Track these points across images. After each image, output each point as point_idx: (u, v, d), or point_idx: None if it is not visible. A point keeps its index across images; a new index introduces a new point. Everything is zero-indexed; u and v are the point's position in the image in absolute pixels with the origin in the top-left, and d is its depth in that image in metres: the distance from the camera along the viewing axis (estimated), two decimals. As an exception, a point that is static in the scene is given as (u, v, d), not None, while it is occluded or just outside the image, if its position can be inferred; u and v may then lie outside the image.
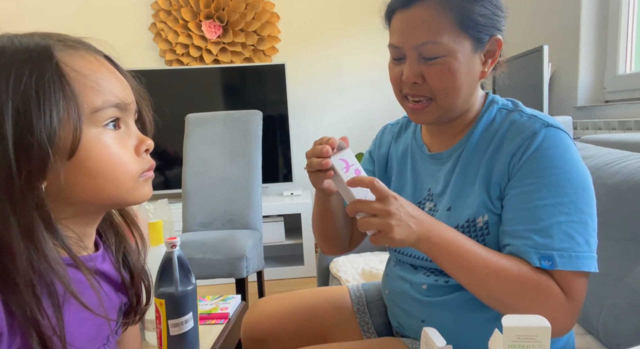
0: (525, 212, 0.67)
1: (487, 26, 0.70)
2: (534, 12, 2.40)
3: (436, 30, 0.68)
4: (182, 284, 0.80)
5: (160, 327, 0.80)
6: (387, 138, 0.95)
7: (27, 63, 0.46)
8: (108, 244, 0.60)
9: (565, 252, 0.64)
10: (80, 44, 0.52)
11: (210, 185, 2.07)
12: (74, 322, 0.50)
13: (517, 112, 0.74)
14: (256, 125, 2.13)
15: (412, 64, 0.72)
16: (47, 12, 2.92)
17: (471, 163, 0.75)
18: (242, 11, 2.96)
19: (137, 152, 0.53)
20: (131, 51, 2.99)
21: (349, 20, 3.09)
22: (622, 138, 1.31)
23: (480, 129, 0.76)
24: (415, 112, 0.76)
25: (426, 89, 0.72)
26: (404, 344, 0.79)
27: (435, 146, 0.83)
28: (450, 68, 0.70)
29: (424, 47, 0.69)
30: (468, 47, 0.70)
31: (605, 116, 1.98)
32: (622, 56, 1.97)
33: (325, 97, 3.16)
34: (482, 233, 0.72)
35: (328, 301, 0.98)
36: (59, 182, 0.47)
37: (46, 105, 0.45)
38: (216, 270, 1.78)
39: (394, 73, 0.76)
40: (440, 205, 0.78)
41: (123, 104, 0.52)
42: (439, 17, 0.68)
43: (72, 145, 0.47)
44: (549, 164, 0.67)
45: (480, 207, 0.72)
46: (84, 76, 0.49)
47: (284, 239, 2.80)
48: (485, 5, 0.70)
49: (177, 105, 2.84)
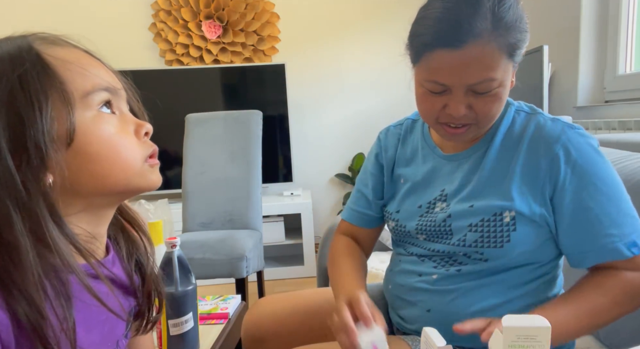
0: (590, 214, 0.71)
1: (524, 48, 0.71)
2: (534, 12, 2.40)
3: (491, 67, 0.66)
4: (182, 284, 0.80)
5: (160, 327, 0.80)
6: (392, 140, 0.93)
7: (6, 61, 0.46)
8: (119, 247, 0.60)
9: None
10: (60, 39, 0.52)
11: (210, 185, 2.07)
12: (82, 327, 0.49)
13: (538, 115, 0.78)
14: (256, 125, 2.13)
15: (460, 98, 0.70)
16: (47, 12, 2.92)
17: (498, 163, 0.77)
18: (242, 11, 2.96)
19: (138, 135, 0.53)
20: (131, 51, 2.99)
21: (349, 21, 3.09)
22: (622, 138, 1.31)
23: (502, 131, 0.78)
24: (455, 135, 0.75)
25: (472, 117, 0.72)
26: (404, 342, 0.79)
27: (449, 147, 0.84)
28: (501, 97, 0.70)
29: (480, 85, 0.68)
30: (510, 69, 0.71)
31: (605, 116, 1.98)
32: (622, 56, 1.98)
33: (325, 97, 3.16)
34: (507, 229, 0.73)
35: (328, 301, 0.98)
36: (63, 173, 0.46)
37: (33, 95, 0.45)
38: (216, 270, 1.78)
39: (432, 105, 0.73)
40: (453, 203, 0.79)
41: (113, 88, 0.52)
42: (493, 54, 0.66)
43: (68, 131, 0.46)
44: (594, 163, 0.72)
45: (508, 203, 0.74)
46: (69, 62, 0.49)
47: (284, 239, 2.80)
48: (526, 29, 0.69)
49: (177, 105, 2.84)
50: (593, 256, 0.72)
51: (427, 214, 0.83)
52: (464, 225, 0.76)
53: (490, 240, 0.74)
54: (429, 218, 0.82)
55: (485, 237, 0.74)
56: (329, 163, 3.20)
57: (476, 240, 0.75)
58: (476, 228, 0.75)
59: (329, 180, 3.23)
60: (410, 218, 0.85)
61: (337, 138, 3.19)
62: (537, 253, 0.76)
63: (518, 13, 0.68)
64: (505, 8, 0.66)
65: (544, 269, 0.78)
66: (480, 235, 0.75)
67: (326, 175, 3.22)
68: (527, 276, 0.77)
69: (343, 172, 3.21)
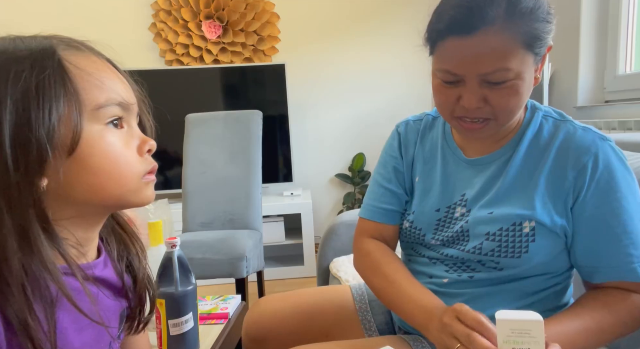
0: (611, 231, 0.70)
1: (548, 38, 0.68)
2: (534, 12, 2.40)
3: (505, 56, 0.64)
4: (182, 284, 0.80)
5: (160, 327, 0.80)
6: (412, 136, 0.89)
7: (27, 60, 0.46)
8: (110, 249, 0.59)
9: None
10: (84, 45, 0.52)
11: (210, 185, 2.07)
12: (72, 328, 0.49)
13: (568, 122, 0.75)
14: (256, 125, 2.13)
15: (474, 90, 0.67)
16: (47, 12, 2.92)
17: (523, 170, 0.75)
18: (242, 11, 2.96)
19: (140, 152, 0.53)
20: (131, 51, 2.99)
21: (349, 21, 3.09)
22: (622, 138, 1.31)
23: (529, 137, 0.76)
24: (472, 131, 0.72)
25: (488, 111, 0.69)
26: (406, 342, 0.79)
27: (472, 151, 0.81)
28: (518, 90, 0.67)
29: (494, 74, 0.65)
30: (531, 62, 0.67)
31: (605, 116, 1.98)
32: (622, 56, 1.97)
33: (325, 97, 3.16)
34: (526, 239, 0.72)
35: (330, 300, 0.98)
36: (58, 179, 0.46)
37: (45, 100, 0.45)
38: (216, 270, 1.78)
39: (446, 97, 0.71)
40: (474, 209, 0.77)
41: (126, 103, 0.52)
42: (507, 42, 0.63)
43: (72, 141, 0.46)
44: (619, 179, 0.70)
45: (530, 213, 0.72)
46: (88, 73, 0.49)
47: (284, 239, 2.80)
48: (548, 19, 0.66)
49: (177, 105, 2.84)
50: (607, 273, 0.71)
51: (445, 218, 0.80)
52: (482, 232, 0.74)
53: (508, 250, 0.72)
54: (447, 223, 0.80)
55: (503, 247, 0.72)
56: (329, 163, 3.20)
57: (493, 249, 0.73)
58: (494, 237, 0.73)
59: (329, 180, 3.23)
60: (426, 221, 0.82)
61: (337, 138, 3.18)
62: (553, 264, 0.75)
63: (538, 1, 0.65)
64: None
65: (557, 279, 0.77)
66: (497, 245, 0.73)
67: (326, 175, 3.22)
68: (540, 285, 0.76)
69: (343, 172, 3.21)
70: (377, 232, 0.90)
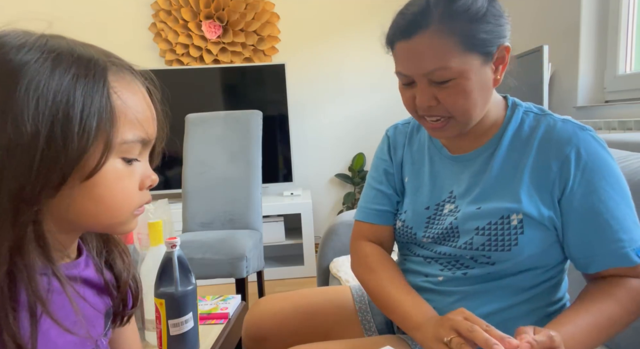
0: (600, 218, 0.70)
1: (493, 39, 0.70)
2: (534, 12, 2.40)
3: (442, 56, 0.68)
4: (182, 284, 0.80)
5: (160, 327, 0.80)
6: (400, 139, 0.93)
7: (81, 79, 0.45)
8: (90, 247, 0.59)
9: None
10: (131, 70, 0.52)
11: (210, 185, 2.07)
12: (57, 328, 0.49)
13: (548, 115, 0.77)
14: (256, 125, 2.13)
15: (423, 89, 0.72)
16: (47, 11, 2.92)
17: (507, 164, 0.77)
18: (242, 11, 2.96)
19: (141, 186, 0.53)
20: (131, 51, 2.99)
21: (349, 21, 3.09)
22: (622, 138, 1.31)
23: (511, 132, 0.78)
24: (435, 130, 0.76)
25: (442, 109, 0.73)
26: (405, 341, 0.79)
27: (456, 148, 0.83)
28: (464, 89, 0.70)
29: (434, 73, 0.69)
30: (477, 63, 0.70)
31: (605, 116, 1.98)
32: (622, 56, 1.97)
33: (325, 97, 3.16)
34: (515, 232, 0.73)
35: (330, 300, 0.98)
36: (60, 200, 0.46)
37: (86, 124, 0.45)
38: (216, 270, 1.78)
39: (406, 98, 0.77)
40: (462, 205, 0.79)
41: (148, 140, 0.52)
42: (443, 43, 0.68)
43: (94, 169, 0.46)
44: (603, 167, 0.71)
45: (516, 206, 0.73)
46: (127, 107, 0.49)
47: (284, 239, 2.80)
48: (487, 20, 0.69)
49: (177, 105, 2.83)
50: (601, 261, 0.72)
51: (435, 216, 0.82)
52: (472, 227, 0.76)
53: (497, 244, 0.73)
54: (437, 220, 0.82)
55: (493, 240, 0.74)
56: (329, 163, 3.20)
57: (483, 243, 0.74)
58: (483, 231, 0.74)
59: (329, 180, 3.23)
60: (417, 219, 0.85)
61: (337, 138, 3.19)
62: (544, 257, 0.75)
63: (474, 4, 0.68)
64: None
65: (550, 273, 0.78)
66: (487, 239, 0.74)
67: (326, 175, 3.22)
68: (534, 280, 0.77)
69: (343, 172, 3.21)
70: (372, 234, 0.92)
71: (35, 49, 0.46)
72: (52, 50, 0.46)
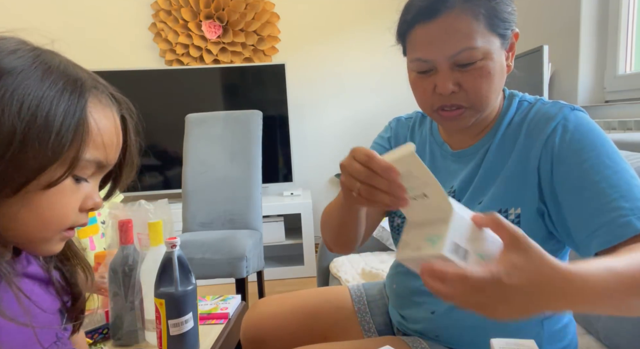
0: (596, 187, 0.63)
1: (511, 22, 0.71)
2: (534, 12, 2.40)
3: (470, 35, 0.67)
4: (182, 284, 0.80)
5: (160, 327, 0.80)
6: (403, 131, 0.92)
7: (66, 94, 0.47)
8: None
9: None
10: (111, 97, 0.53)
11: (210, 185, 2.07)
12: (11, 325, 0.48)
13: (539, 101, 0.75)
14: (256, 125, 2.13)
15: (446, 74, 0.69)
16: (48, 11, 2.92)
17: (500, 156, 0.75)
18: (242, 11, 2.96)
19: (83, 207, 0.53)
20: (131, 51, 2.99)
21: (349, 21, 3.09)
22: (622, 138, 1.31)
23: (505, 124, 0.76)
24: (451, 119, 0.73)
25: (462, 97, 0.71)
26: (404, 342, 0.79)
27: (456, 144, 0.82)
28: (489, 70, 0.69)
29: (460, 54, 0.67)
30: (498, 45, 0.70)
31: (605, 116, 1.98)
32: (622, 56, 1.97)
33: (325, 97, 3.16)
34: None
35: (329, 301, 0.98)
36: (7, 203, 0.46)
37: (63, 137, 0.46)
38: (216, 270, 1.78)
39: (422, 88, 0.73)
40: (463, 200, 0.78)
41: (105, 165, 0.53)
42: (470, 22, 0.67)
43: (52, 182, 0.47)
44: (594, 138, 0.67)
45: (512, 198, 0.72)
46: (97, 128, 0.50)
47: (284, 239, 2.80)
48: (506, 2, 0.70)
49: (177, 105, 2.84)
50: (603, 236, 0.61)
51: None
52: None
53: None
54: None
55: None
56: (329, 163, 3.20)
57: None
58: None
59: (329, 180, 3.23)
60: None
61: (337, 138, 3.19)
62: None
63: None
64: None
65: None
66: None
67: (326, 175, 3.22)
68: None
69: (343, 171, 3.21)
70: None
71: (26, 57, 0.47)
72: (44, 62, 0.48)
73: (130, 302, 0.88)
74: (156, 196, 2.63)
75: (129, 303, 0.88)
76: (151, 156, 2.86)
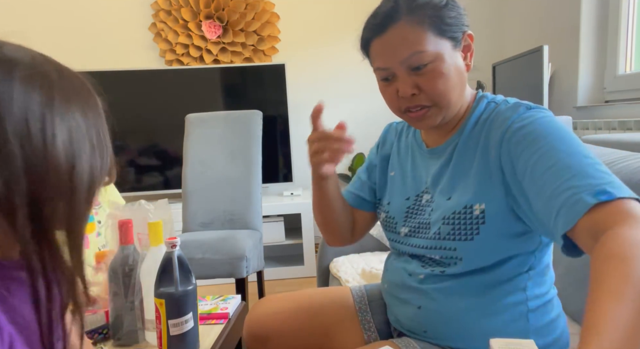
0: (551, 171, 0.64)
1: (458, 25, 0.77)
2: (534, 12, 2.40)
3: (417, 41, 0.74)
4: (182, 284, 0.80)
5: (160, 327, 0.80)
6: (391, 136, 1.01)
7: (87, 138, 0.48)
8: None
9: (614, 183, 0.59)
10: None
11: (210, 185, 2.07)
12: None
13: (504, 102, 0.80)
14: (256, 125, 2.13)
15: (404, 78, 0.77)
16: (48, 11, 2.92)
17: (465, 154, 0.79)
18: (242, 11, 2.96)
19: None
20: (131, 51, 2.99)
21: (349, 21, 3.09)
22: (622, 138, 1.31)
23: (472, 122, 0.81)
24: (418, 119, 0.80)
25: (424, 98, 0.77)
26: (396, 345, 0.80)
27: (432, 142, 0.88)
28: (442, 71, 0.75)
29: (411, 58, 0.75)
30: (449, 47, 0.76)
31: (605, 116, 1.98)
32: (622, 56, 1.98)
33: (325, 97, 3.16)
34: (477, 222, 0.74)
35: (331, 300, 0.99)
36: None
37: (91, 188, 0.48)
38: (216, 270, 1.78)
39: (388, 94, 0.82)
40: (435, 196, 0.82)
41: None
42: (415, 31, 0.74)
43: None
44: (546, 125, 0.69)
45: (477, 195, 0.75)
46: None
47: (284, 239, 2.80)
48: (450, 8, 0.76)
49: (177, 105, 2.84)
50: (563, 216, 0.60)
51: (414, 206, 0.86)
52: (440, 217, 0.78)
53: (461, 233, 0.75)
54: (416, 210, 0.85)
55: (457, 230, 0.75)
56: (329, 163, 3.20)
57: (449, 232, 0.76)
58: (449, 220, 0.76)
59: (329, 180, 3.23)
60: (398, 209, 0.89)
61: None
62: (513, 245, 0.75)
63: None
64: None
65: (527, 264, 0.77)
66: (452, 228, 0.76)
67: (326, 175, 3.22)
68: (511, 272, 0.76)
69: (343, 171, 3.21)
70: None
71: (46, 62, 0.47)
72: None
73: (130, 302, 0.88)
74: (156, 196, 2.63)
75: (129, 303, 0.88)
76: (151, 156, 2.86)
